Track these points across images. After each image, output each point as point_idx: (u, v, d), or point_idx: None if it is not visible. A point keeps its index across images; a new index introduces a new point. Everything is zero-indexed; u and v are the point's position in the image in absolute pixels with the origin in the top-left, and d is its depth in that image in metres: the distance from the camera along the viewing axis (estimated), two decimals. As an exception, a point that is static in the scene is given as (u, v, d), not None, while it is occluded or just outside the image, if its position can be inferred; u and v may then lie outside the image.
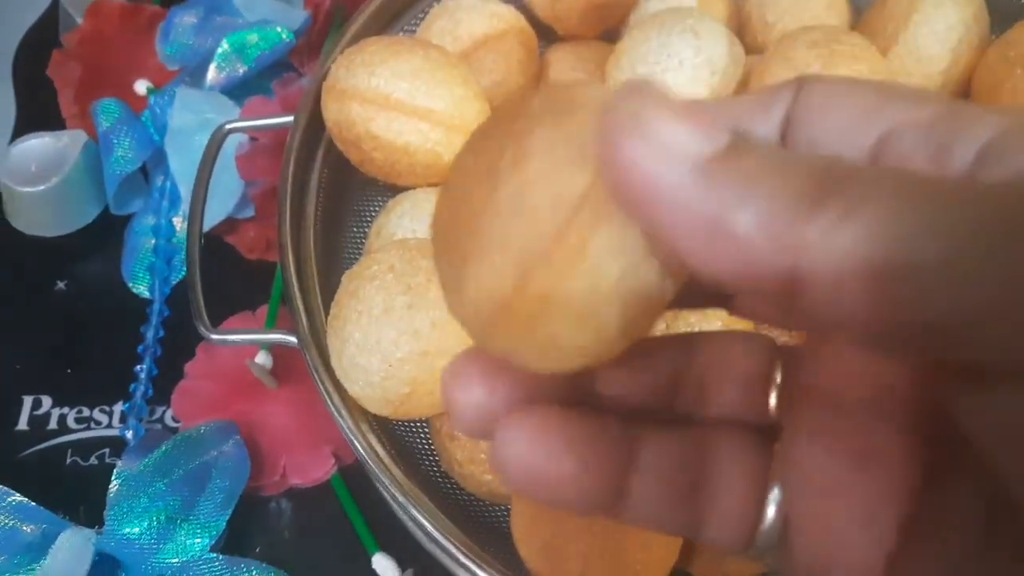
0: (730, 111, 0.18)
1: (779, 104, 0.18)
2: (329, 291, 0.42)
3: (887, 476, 0.17)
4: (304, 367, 0.50)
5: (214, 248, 0.55)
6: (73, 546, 0.42)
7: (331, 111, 0.43)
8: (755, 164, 0.14)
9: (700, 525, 0.20)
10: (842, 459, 0.18)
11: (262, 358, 0.49)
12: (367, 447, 0.37)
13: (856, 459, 0.18)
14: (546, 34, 0.54)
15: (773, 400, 0.20)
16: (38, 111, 0.60)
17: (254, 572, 0.43)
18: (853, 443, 0.18)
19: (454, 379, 0.18)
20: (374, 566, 0.45)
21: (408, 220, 0.43)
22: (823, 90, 0.17)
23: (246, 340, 0.42)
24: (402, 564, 0.45)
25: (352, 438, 0.37)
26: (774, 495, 0.19)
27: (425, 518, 0.36)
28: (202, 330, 0.40)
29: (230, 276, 0.54)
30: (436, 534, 0.35)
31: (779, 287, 0.14)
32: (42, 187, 0.53)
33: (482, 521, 0.42)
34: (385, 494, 0.43)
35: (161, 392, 0.51)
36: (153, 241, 0.55)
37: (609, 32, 0.53)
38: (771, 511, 0.19)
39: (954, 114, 0.16)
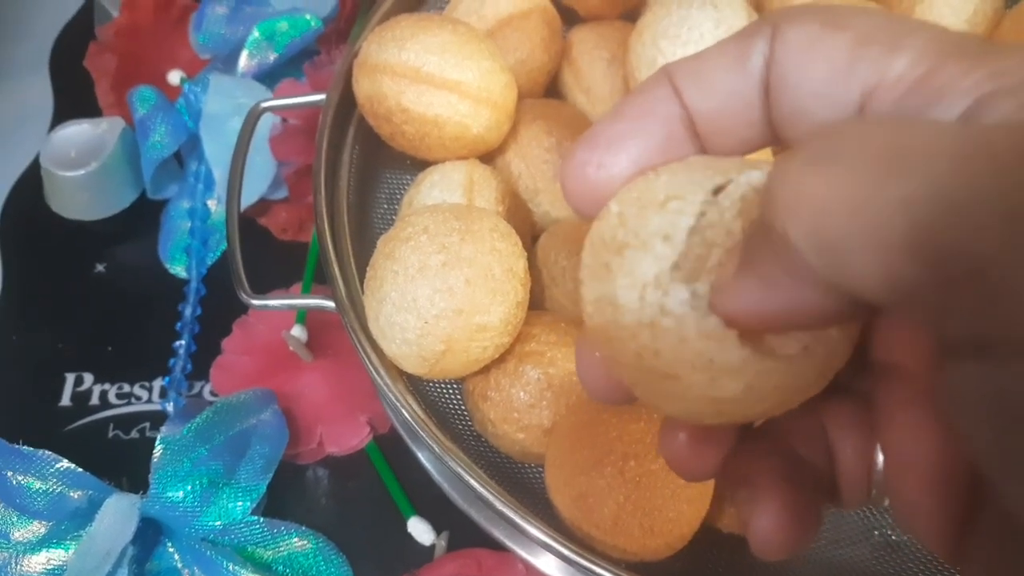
0: (710, 66, 0.19)
1: (756, 54, 0.18)
2: (362, 263, 0.43)
3: (945, 448, 0.18)
4: (338, 341, 0.52)
5: (247, 230, 0.56)
6: (119, 510, 0.43)
7: (363, 86, 0.44)
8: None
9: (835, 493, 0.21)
10: (908, 430, 0.19)
11: (298, 331, 0.50)
12: (405, 404, 0.38)
13: (919, 431, 0.18)
14: (568, 16, 0.55)
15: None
16: (75, 101, 0.62)
17: (294, 534, 0.45)
18: (916, 416, 0.19)
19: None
20: (410, 530, 0.46)
21: (438, 191, 0.44)
22: (799, 35, 0.18)
23: (285, 305, 0.43)
24: (437, 528, 0.46)
25: (389, 395, 0.38)
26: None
27: (463, 469, 0.37)
28: (243, 296, 0.42)
29: (263, 256, 0.55)
30: (474, 483, 0.36)
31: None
32: (82, 172, 0.55)
33: (514, 481, 0.43)
34: (420, 455, 0.44)
35: (199, 368, 0.52)
36: (189, 224, 0.56)
37: (629, 13, 0.55)
38: (880, 461, 0.20)
39: (932, 73, 0.16)
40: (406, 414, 0.38)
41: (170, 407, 0.50)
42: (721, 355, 0.17)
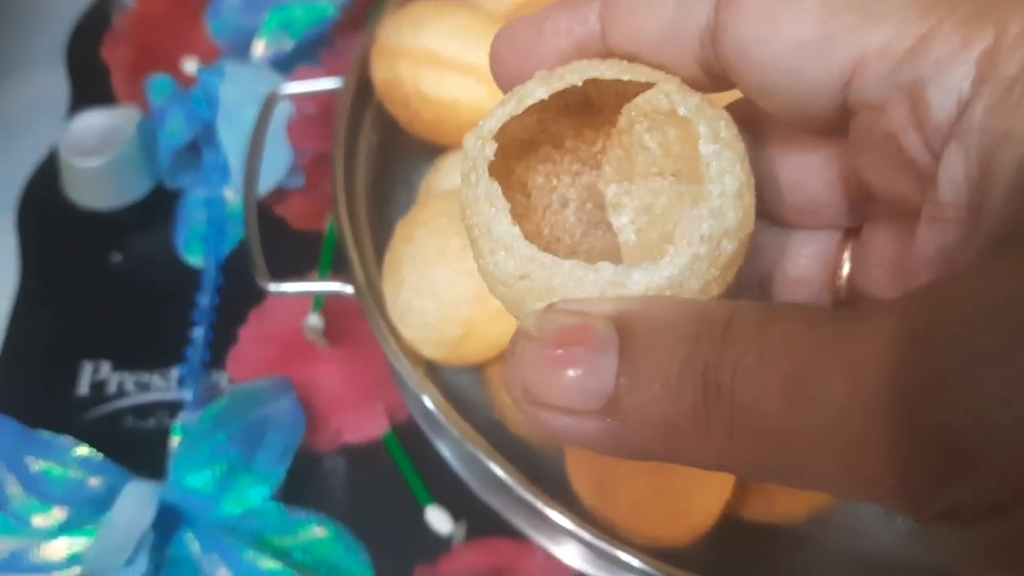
0: (644, 12, 0.18)
1: (696, 14, 0.17)
2: (380, 249, 0.43)
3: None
4: (354, 329, 0.52)
5: (263, 218, 0.56)
6: (138, 497, 0.43)
7: (380, 71, 0.44)
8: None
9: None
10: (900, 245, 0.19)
11: (314, 319, 0.50)
12: (423, 390, 0.38)
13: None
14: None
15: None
16: (91, 90, 0.62)
17: (312, 522, 0.44)
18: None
19: None
20: (427, 518, 0.46)
21: (456, 174, 0.44)
22: (754, 3, 0.16)
23: (303, 290, 0.43)
24: (455, 517, 0.46)
25: (408, 381, 0.38)
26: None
27: (484, 455, 0.36)
28: (261, 282, 0.41)
29: (279, 245, 0.54)
30: (495, 469, 0.36)
31: None
32: (100, 161, 0.55)
33: (533, 469, 0.43)
34: (438, 443, 0.44)
35: (216, 356, 0.52)
36: (205, 213, 0.56)
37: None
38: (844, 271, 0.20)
39: (925, 41, 0.15)
40: (425, 400, 0.38)
41: (188, 396, 0.50)
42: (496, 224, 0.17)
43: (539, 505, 0.36)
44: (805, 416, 0.13)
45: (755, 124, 0.20)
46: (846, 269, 0.20)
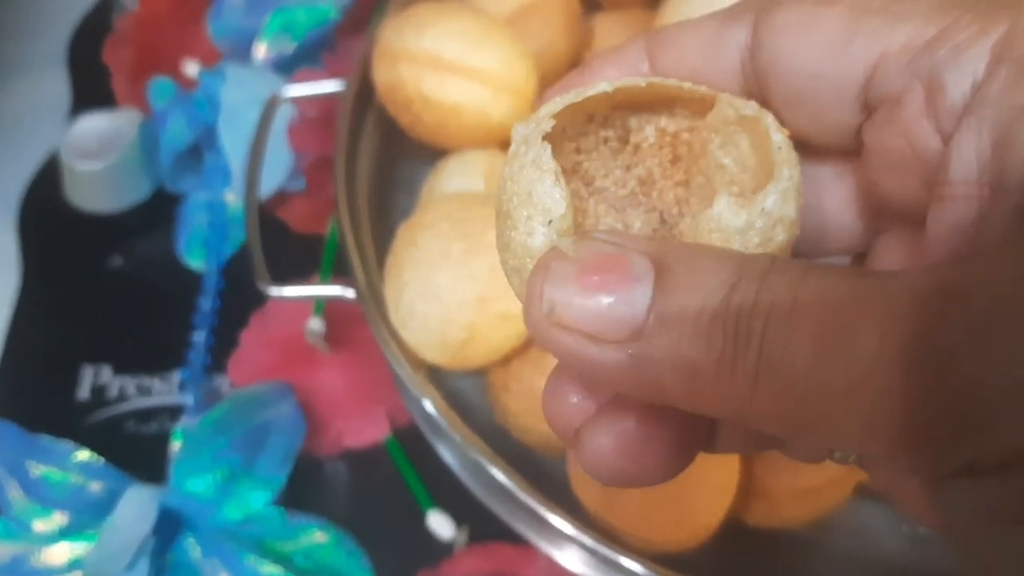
0: (687, 39, 0.19)
1: (734, 38, 0.18)
2: (382, 253, 0.43)
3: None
4: (356, 334, 0.52)
5: (264, 222, 0.55)
6: (139, 502, 0.43)
7: (382, 74, 0.44)
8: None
9: None
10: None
11: (315, 323, 0.50)
12: (425, 394, 0.38)
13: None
14: (590, 5, 0.55)
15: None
16: (92, 93, 0.61)
17: (313, 527, 0.44)
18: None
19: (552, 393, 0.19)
20: (429, 523, 0.46)
21: (459, 177, 0.44)
22: (788, 18, 0.17)
23: (305, 294, 0.43)
24: (456, 522, 0.46)
25: (409, 385, 0.38)
26: None
27: (484, 460, 0.36)
28: (262, 286, 0.41)
29: (280, 249, 0.54)
30: (496, 474, 0.36)
31: None
32: (101, 164, 0.54)
33: (536, 474, 0.43)
34: (440, 447, 0.44)
35: (217, 361, 0.52)
36: (207, 217, 0.56)
37: (652, 0, 0.54)
38: None
39: (945, 33, 0.16)
40: (427, 404, 0.38)
41: (188, 400, 0.49)
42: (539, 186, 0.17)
43: (541, 510, 0.35)
44: (833, 367, 0.13)
45: None
46: None
